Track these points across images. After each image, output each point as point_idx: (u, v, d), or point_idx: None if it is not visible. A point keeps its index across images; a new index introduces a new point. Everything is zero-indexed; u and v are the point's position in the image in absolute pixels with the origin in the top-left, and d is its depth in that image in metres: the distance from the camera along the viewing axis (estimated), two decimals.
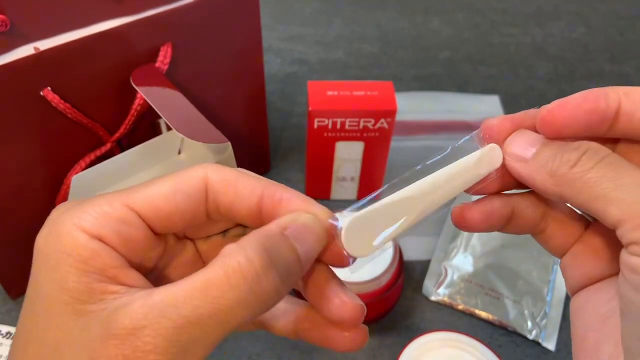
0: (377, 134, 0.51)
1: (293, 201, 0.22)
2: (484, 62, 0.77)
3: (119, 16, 0.39)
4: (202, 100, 0.45)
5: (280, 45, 0.79)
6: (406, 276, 0.50)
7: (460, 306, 0.48)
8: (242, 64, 0.49)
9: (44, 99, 0.38)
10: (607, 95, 0.21)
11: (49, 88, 0.38)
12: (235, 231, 0.25)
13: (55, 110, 0.39)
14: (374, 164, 0.54)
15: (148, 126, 0.45)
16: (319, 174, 0.55)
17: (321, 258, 0.23)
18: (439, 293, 0.49)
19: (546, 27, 0.84)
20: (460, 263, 0.51)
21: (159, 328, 0.18)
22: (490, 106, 0.69)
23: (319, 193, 0.57)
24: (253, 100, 0.53)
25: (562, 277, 0.49)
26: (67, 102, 0.39)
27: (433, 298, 0.49)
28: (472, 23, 0.84)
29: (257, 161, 0.59)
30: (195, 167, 0.22)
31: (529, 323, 0.47)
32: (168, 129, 0.45)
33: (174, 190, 0.22)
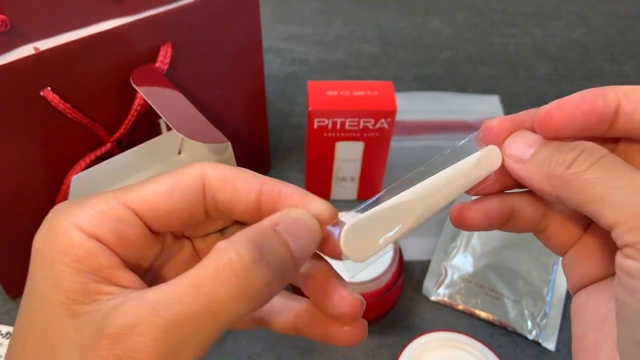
0: (377, 134, 0.51)
1: (293, 196, 0.22)
2: (484, 62, 0.77)
3: (119, 16, 0.39)
4: (202, 100, 0.45)
5: (280, 45, 0.79)
6: (406, 276, 0.50)
7: (460, 306, 0.48)
8: (242, 64, 0.49)
9: (44, 99, 0.38)
10: (606, 95, 0.21)
11: (49, 88, 0.38)
12: (233, 229, 0.25)
13: (55, 110, 0.39)
14: (374, 164, 0.54)
15: (148, 126, 0.45)
16: (319, 174, 0.55)
17: (319, 249, 0.23)
18: (439, 293, 0.49)
19: (546, 27, 0.84)
20: (460, 263, 0.51)
21: (149, 327, 0.18)
22: (490, 106, 0.69)
23: (319, 193, 0.56)
24: (253, 100, 0.53)
25: (562, 277, 0.50)
26: (67, 102, 0.39)
27: (433, 298, 0.49)
28: (472, 23, 0.84)
29: (257, 161, 0.59)
30: (193, 165, 0.22)
31: (529, 323, 0.47)
32: (168, 129, 0.45)
33: (171, 188, 0.22)
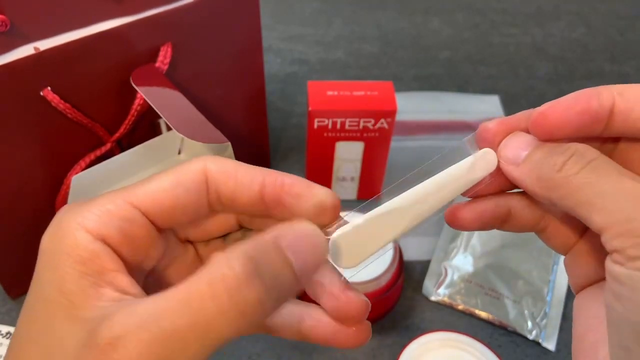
0: (377, 134, 0.51)
1: (296, 185, 0.22)
2: (484, 62, 0.77)
3: (119, 16, 0.39)
4: (202, 100, 0.45)
5: (280, 45, 0.78)
6: (406, 276, 0.50)
7: (460, 306, 0.48)
8: (242, 64, 0.49)
9: (44, 99, 0.38)
10: (600, 95, 0.21)
11: (49, 88, 0.38)
12: (235, 235, 0.25)
13: (55, 110, 0.39)
14: (374, 164, 0.54)
15: (148, 126, 0.45)
16: (319, 174, 0.55)
17: None
18: (439, 293, 0.49)
19: (546, 27, 0.84)
20: (460, 263, 0.51)
21: (137, 340, 0.17)
22: (490, 106, 0.69)
23: None
24: (253, 100, 0.53)
25: (562, 277, 0.50)
26: (67, 102, 0.39)
27: (433, 298, 0.49)
28: (472, 23, 0.84)
29: (257, 161, 0.59)
30: (194, 160, 0.23)
31: (529, 323, 0.47)
32: (168, 129, 0.45)
33: (174, 183, 0.22)
